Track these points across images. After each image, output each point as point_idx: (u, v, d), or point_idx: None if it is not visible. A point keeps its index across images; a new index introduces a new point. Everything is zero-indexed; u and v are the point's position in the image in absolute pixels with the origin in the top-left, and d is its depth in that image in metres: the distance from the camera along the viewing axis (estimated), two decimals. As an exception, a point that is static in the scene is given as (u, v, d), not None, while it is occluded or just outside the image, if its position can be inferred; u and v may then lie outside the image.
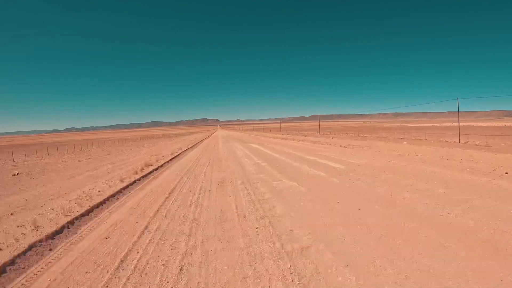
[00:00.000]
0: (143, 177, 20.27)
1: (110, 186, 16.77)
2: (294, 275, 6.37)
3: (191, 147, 50.76)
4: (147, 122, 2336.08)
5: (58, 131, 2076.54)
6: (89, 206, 12.41)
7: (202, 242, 8.41)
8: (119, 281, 6.46)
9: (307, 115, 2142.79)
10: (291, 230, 8.96)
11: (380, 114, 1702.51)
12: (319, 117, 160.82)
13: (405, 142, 42.16)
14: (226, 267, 6.87)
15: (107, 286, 6.31)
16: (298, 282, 6.04)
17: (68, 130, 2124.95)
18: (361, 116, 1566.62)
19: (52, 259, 7.75)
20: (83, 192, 15.65)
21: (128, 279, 6.50)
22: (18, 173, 25.50)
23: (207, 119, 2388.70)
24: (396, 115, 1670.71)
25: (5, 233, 9.61)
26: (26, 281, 6.69)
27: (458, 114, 53.05)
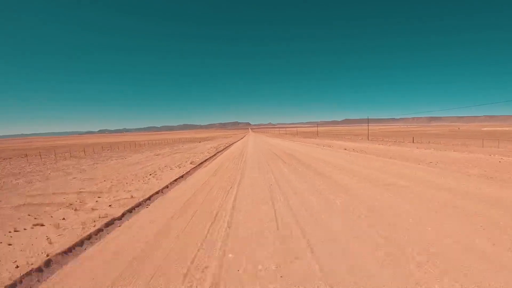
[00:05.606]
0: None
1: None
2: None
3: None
4: (179, 124, 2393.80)
5: (92, 132, 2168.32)
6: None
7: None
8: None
9: (339, 119, 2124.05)
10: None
11: (414, 118, 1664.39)
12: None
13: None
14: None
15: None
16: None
17: (101, 132, 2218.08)
18: (394, 120, 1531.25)
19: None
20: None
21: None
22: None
23: (238, 123, 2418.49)
24: (430, 119, 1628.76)
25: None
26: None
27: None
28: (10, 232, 10.36)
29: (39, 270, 7.36)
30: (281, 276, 6.56)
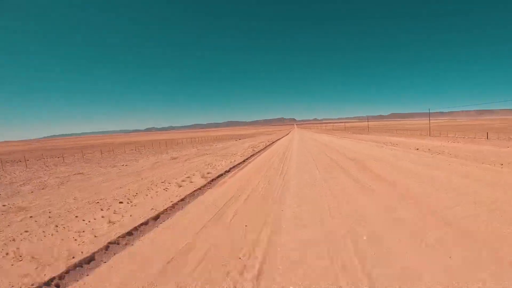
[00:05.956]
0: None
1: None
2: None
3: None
4: (224, 122, 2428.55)
5: (139, 130, 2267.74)
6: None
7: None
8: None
9: (385, 114, 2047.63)
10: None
11: (462, 111, 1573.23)
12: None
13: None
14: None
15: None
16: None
17: (148, 130, 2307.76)
18: (441, 114, 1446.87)
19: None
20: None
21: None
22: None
23: (284, 119, 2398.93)
24: (480, 112, 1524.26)
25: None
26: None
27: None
28: None
29: None
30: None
